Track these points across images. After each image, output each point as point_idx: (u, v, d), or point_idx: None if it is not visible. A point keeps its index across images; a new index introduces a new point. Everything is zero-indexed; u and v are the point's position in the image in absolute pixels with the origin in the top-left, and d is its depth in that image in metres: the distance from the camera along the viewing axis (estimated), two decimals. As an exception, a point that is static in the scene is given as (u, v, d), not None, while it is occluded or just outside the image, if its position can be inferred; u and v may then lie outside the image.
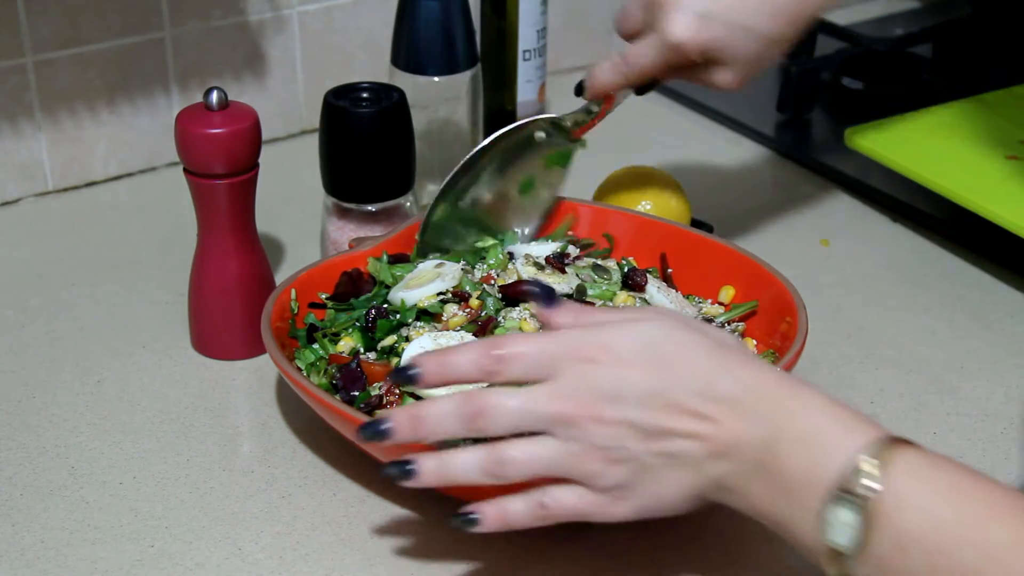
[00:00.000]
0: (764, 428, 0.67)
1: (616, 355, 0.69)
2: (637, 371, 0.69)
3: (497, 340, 0.71)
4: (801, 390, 0.68)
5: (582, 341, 0.70)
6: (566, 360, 0.69)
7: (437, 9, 1.07)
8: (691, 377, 0.69)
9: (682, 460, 0.69)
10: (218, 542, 0.83)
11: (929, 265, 1.13)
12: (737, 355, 0.70)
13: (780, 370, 0.70)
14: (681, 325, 0.71)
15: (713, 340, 0.70)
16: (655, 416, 0.68)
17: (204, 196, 0.96)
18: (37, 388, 0.97)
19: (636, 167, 1.11)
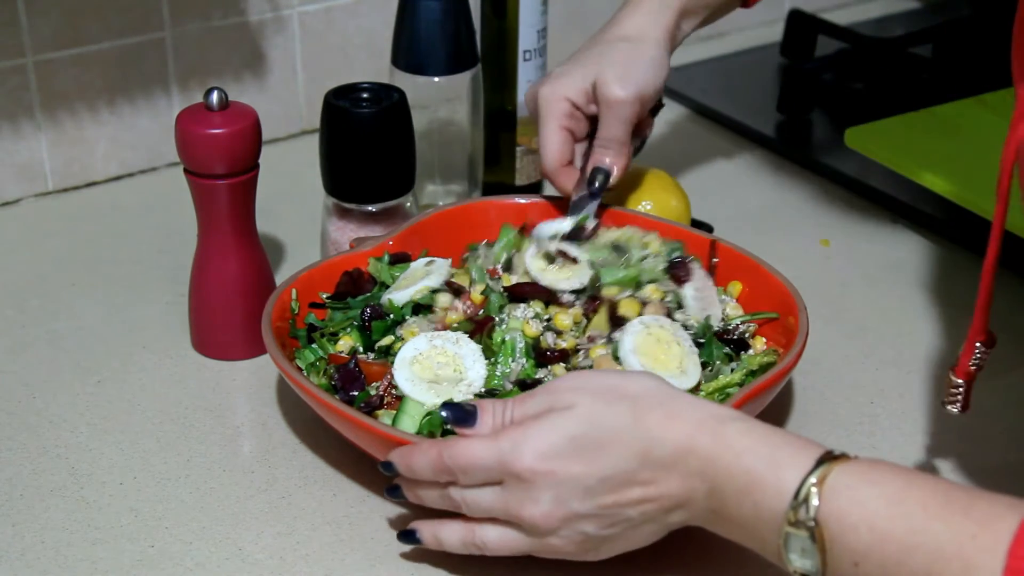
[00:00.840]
0: (706, 482, 0.71)
1: (548, 461, 0.73)
2: (571, 467, 0.73)
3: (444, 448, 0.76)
4: (727, 434, 0.71)
5: (513, 456, 0.73)
6: (506, 476, 0.74)
7: (437, 9, 1.07)
8: (623, 453, 0.72)
9: (641, 519, 0.73)
10: (218, 542, 0.83)
11: (929, 265, 1.12)
12: (658, 413, 0.72)
13: (699, 410, 0.73)
14: (597, 400, 0.74)
15: (632, 403, 0.73)
16: (604, 500, 0.73)
17: (204, 196, 0.96)
18: (37, 388, 0.97)
19: (636, 167, 1.11)
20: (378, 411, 0.88)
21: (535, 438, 0.73)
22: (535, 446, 0.73)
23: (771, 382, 0.85)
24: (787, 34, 1.46)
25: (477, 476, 0.75)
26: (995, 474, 0.89)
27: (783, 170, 1.28)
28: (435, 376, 0.87)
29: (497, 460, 0.74)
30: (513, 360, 0.88)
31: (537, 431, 0.74)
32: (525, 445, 0.73)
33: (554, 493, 0.73)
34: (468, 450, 0.75)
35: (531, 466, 0.73)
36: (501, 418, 0.76)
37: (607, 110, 0.99)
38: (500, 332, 0.89)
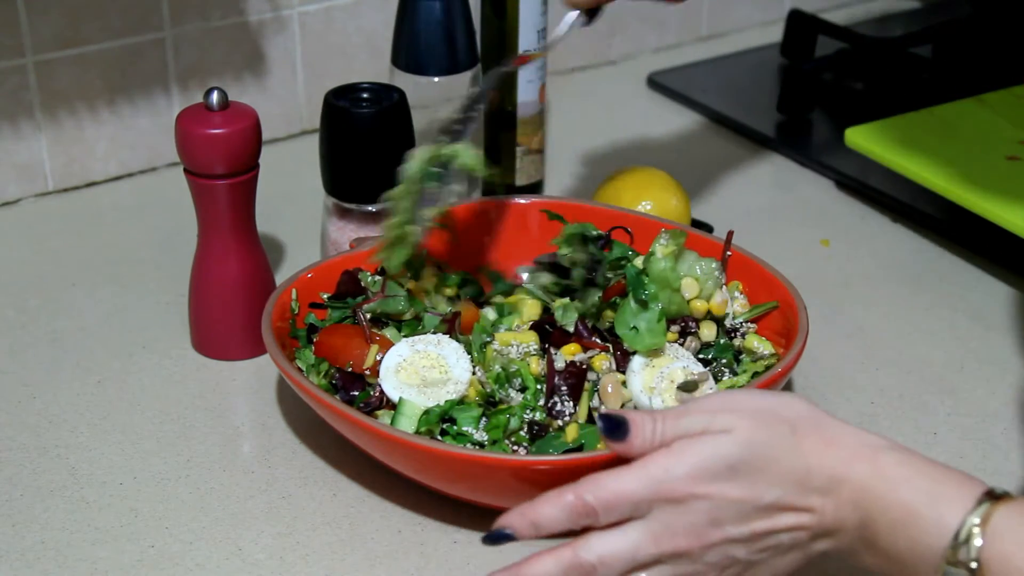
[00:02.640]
0: (859, 512, 0.68)
1: (705, 483, 0.69)
2: (731, 491, 0.69)
3: (583, 488, 0.70)
4: (884, 463, 0.69)
5: (668, 480, 0.69)
6: (658, 502, 0.70)
7: (437, 9, 1.07)
8: (781, 479, 0.69)
9: (787, 547, 0.71)
10: (218, 542, 0.83)
11: (929, 265, 1.13)
12: (814, 438, 0.70)
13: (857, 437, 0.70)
14: (757, 424, 0.70)
15: (790, 428, 0.70)
16: (757, 523, 0.70)
17: (204, 196, 0.96)
18: (37, 388, 0.97)
19: (636, 167, 1.11)
20: (378, 411, 0.88)
21: (691, 461, 0.70)
22: (691, 470, 0.69)
23: (771, 382, 0.85)
24: (787, 34, 1.46)
25: (623, 511, 0.70)
26: (995, 474, 0.89)
27: (783, 170, 1.28)
28: (422, 380, 0.87)
29: (648, 488, 0.70)
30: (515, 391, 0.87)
31: (692, 454, 0.70)
32: (680, 468, 0.69)
33: (709, 517, 0.69)
34: (614, 482, 0.70)
35: (688, 489, 0.69)
36: (651, 436, 0.71)
37: None
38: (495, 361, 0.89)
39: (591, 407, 0.87)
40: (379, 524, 0.85)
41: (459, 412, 0.85)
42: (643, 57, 1.49)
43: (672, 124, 1.36)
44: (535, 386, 0.86)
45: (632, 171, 1.10)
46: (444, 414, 0.85)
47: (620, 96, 1.41)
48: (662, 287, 0.90)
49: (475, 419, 0.85)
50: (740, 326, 0.94)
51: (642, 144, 1.31)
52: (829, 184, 1.25)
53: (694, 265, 0.92)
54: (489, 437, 0.84)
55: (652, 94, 1.42)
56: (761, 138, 1.32)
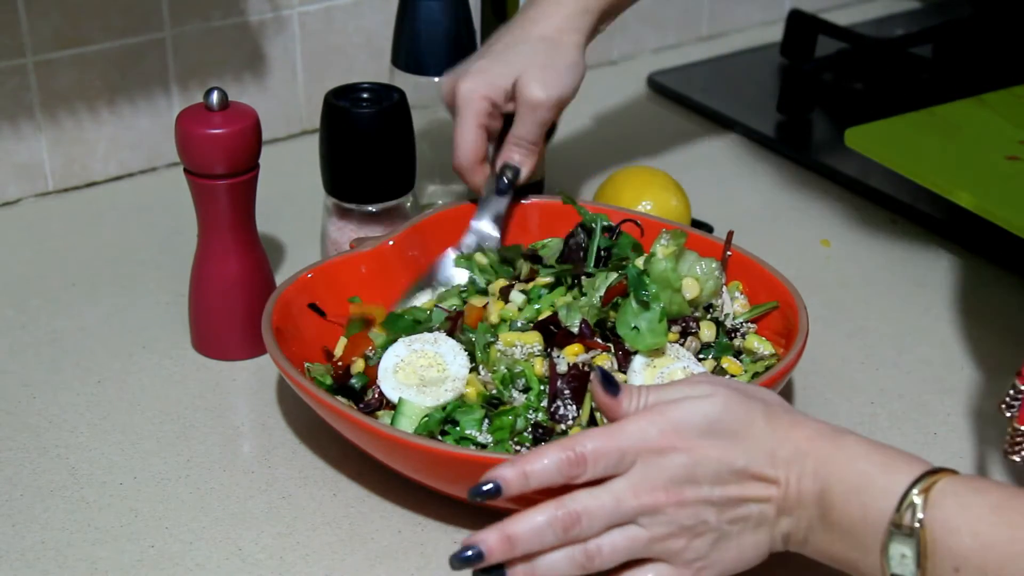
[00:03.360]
0: (819, 482, 0.72)
1: (684, 438, 0.73)
2: (706, 449, 0.73)
3: (573, 441, 0.74)
4: (844, 441, 0.73)
5: (651, 432, 0.73)
6: (640, 453, 0.73)
7: (437, 10, 1.07)
8: (755, 445, 0.73)
9: (755, 521, 0.74)
10: (218, 542, 0.83)
11: (929, 265, 1.13)
12: (784, 416, 0.75)
13: (821, 423, 0.75)
14: (734, 395, 0.75)
15: (763, 404, 0.75)
16: (729, 488, 0.73)
17: (204, 196, 0.96)
18: (37, 388, 0.97)
19: (636, 167, 1.11)
20: (378, 412, 0.88)
21: (673, 416, 0.73)
22: (673, 423, 0.73)
23: (771, 382, 0.85)
24: (787, 34, 1.46)
25: (609, 461, 0.73)
26: (995, 474, 0.89)
27: (783, 170, 1.28)
28: (420, 379, 0.87)
29: (634, 438, 0.73)
30: (518, 392, 0.87)
31: (676, 408, 0.74)
32: (663, 420, 0.73)
33: (687, 472, 0.73)
34: (601, 434, 0.74)
35: (669, 441, 0.73)
36: (637, 402, 0.75)
37: (526, 111, 1.00)
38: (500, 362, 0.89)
39: (592, 407, 0.87)
40: (379, 524, 0.85)
41: (461, 415, 0.85)
42: (643, 57, 1.49)
43: (672, 124, 1.36)
44: (539, 387, 0.86)
45: (632, 171, 1.10)
46: (445, 419, 0.85)
47: (620, 96, 1.41)
48: (663, 287, 0.90)
49: (477, 421, 0.85)
50: (740, 326, 0.94)
51: (642, 144, 1.31)
52: (829, 184, 1.25)
53: (694, 265, 0.93)
54: (494, 439, 0.84)
55: (652, 94, 1.42)
56: (761, 138, 1.32)
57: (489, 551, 0.72)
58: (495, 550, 0.73)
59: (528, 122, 1.00)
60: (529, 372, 0.86)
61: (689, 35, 1.52)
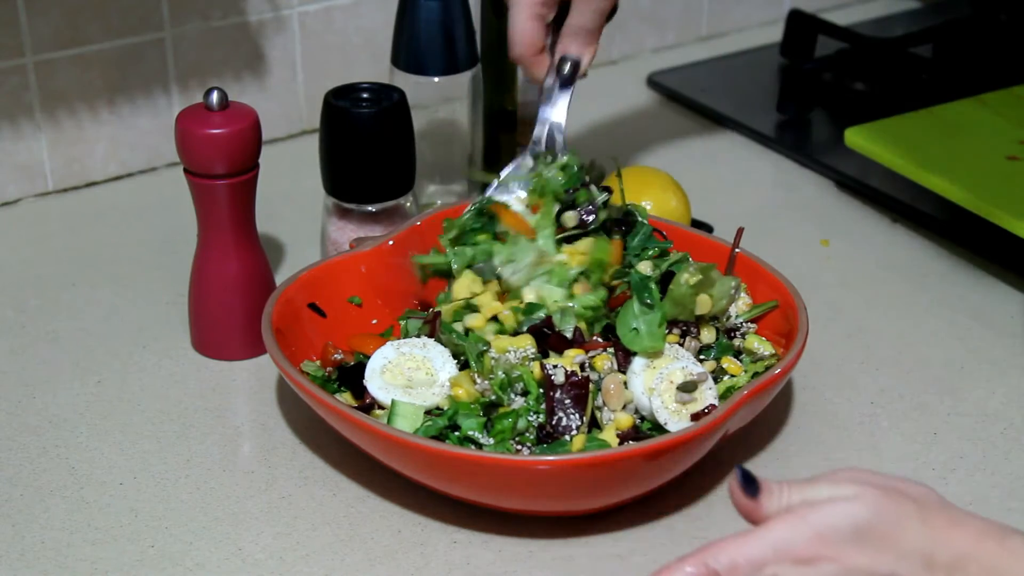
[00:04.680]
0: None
1: (832, 546, 0.68)
2: (858, 556, 0.68)
3: (705, 555, 0.68)
4: (1012, 544, 0.68)
5: (795, 540, 0.68)
6: (784, 563, 0.68)
7: (437, 9, 1.07)
8: (908, 551, 0.68)
9: None
10: (218, 542, 0.83)
11: (929, 265, 1.12)
12: (941, 514, 0.69)
13: (983, 521, 0.69)
14: (883, 495, 0.69)
15: (917, 504, 0.70)
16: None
17: (204, 196, 0.96)
18: (37, 388, 0.97)
19: (636, 167, 1.11)
20: (377, 411, 0.88)
21: (818, 522, 0.68)
22: (818, 530, 0.68)
23: (771, 382, 0.85)
24: (787, 34, 1.46)
25: (747, 572, 0.68)
26: (995, 475, 0.89)
27: (783, 170, 1.28)
28: (408, 381, 0.87)
29: (775, 546, 0.68)
30: (516, 395, 0.87)
31: (819, 515, 0.68)
32: (806, 527, 0.68)
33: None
34: (737, 545, 0.68)
35: (814, 551, 0.67)
36: (778, 502, 0.70)
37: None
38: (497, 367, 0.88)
39: (594, 407, 0.87)
40: (379, 524, 0.85)
41: (462, 419, 0.85)
42: (643, 57, 1.49)
43: (672, 124, 1.36)
44: (537, 390, 0.86)
45: (632, 171, 1.10)
46: (447, 424, 0.85)
47: (620, 96, 1.41)
48: (678, 306, 0.90)
49: (480, 424, 0.84)
50: (740, 326, 0.94)
51: (642, 144, 1.31)
52: (829, 184, 1.25)
53: (715, 283, 0.91)
54: (495, 440, 0.84)
55: (652, 94, 1.42)
56: (761, 138, 1.32)
57: None
58: None
59: (585, 10, 0.97)
60: (527, 375, 0.86)
61: (689, 35, 1.52)
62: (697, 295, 0.90)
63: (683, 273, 0.90)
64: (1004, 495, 0.88)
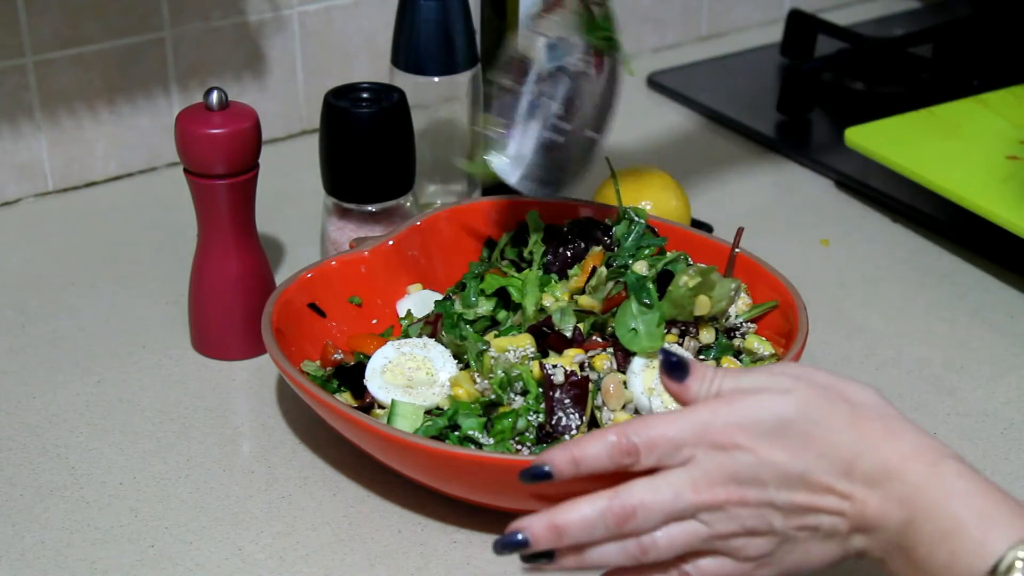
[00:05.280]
0: (905, 510, 0.66)
1: (751, 437, 0.68)
2: (774, 452, 0.67)
3: (628, 428, 0.69)
4: (943, 470, 0.66)
5: (715, 425, 0.68)
6: (701, 446, 0.68)
7: (437, 9, 1.07)
8: (831, 456, 0.67)
9: (825, 532, 0.68)
10: (218, 542, 0.83)
11: (929, 265, 1.12)
12: (876, 423, 0.68)
13: (920, 436, 0.68)
14: (818, 394, 0.69)
15: (851, 408, 0.69)
16: (797, 496, 0.68)
17: (204, 196, 0.96)
18: (37, 388, 0.97)
19: (636, 167, 1.11)
20: (377, 411, 0.88)
21: (742, 411, 0.68)
22: (740, 419, 0.67)
23: (771, 382, 0.85)
24: (787, 34, 1.46)
25: (664, 452, 0.68)
26: (995, 475, 0.89)
27: (783, 170, 1.28)
28: (408, 381, 0.88)
29: (692, 430, 0.68)
30: (515, 395, 0.87)
31: (744, 404, 0.68)
32: (730, 415, 0.68)
33: (751, 473, 0.67)
34: (660, 422, 0.68)
35: (734, 438, 0.67)
36: (708, 386, 0.70)
37: None
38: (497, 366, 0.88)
39: (594, 406, 0.87)
40: (379, 524, 0.85)
41: (462, 419, 0.85)
42: (643, 57, 1.49)
43: (672, 124, 1.36)
44: (537, 389, 0.86)
45: (632, 171, 1.10)
46: (447, 424, 0.85)
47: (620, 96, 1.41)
48: (677, 307, 0.90)
49: (480, 424, 0.84)
50: (740, 326, 0.94)
51: (642, 144, 1.31)
52: (829, 184, 1.25)
53: (715, 285, 0.91)
54: (495, 440, 0.84)
55: (652, 94, 1.42)
56: (761, 138, 1.32)
57: (534, 539, 0.68)
58: (540, 538, 0.68)
59: None
60: (526, 375, 0.86)
61: (689, 35, 1.52)
62: (696, 296, 0.90)
63: (682, 275, 0.90)
64: (1004, 495, 0.88)
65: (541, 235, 0.98)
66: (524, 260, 0.98)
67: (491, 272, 0.96)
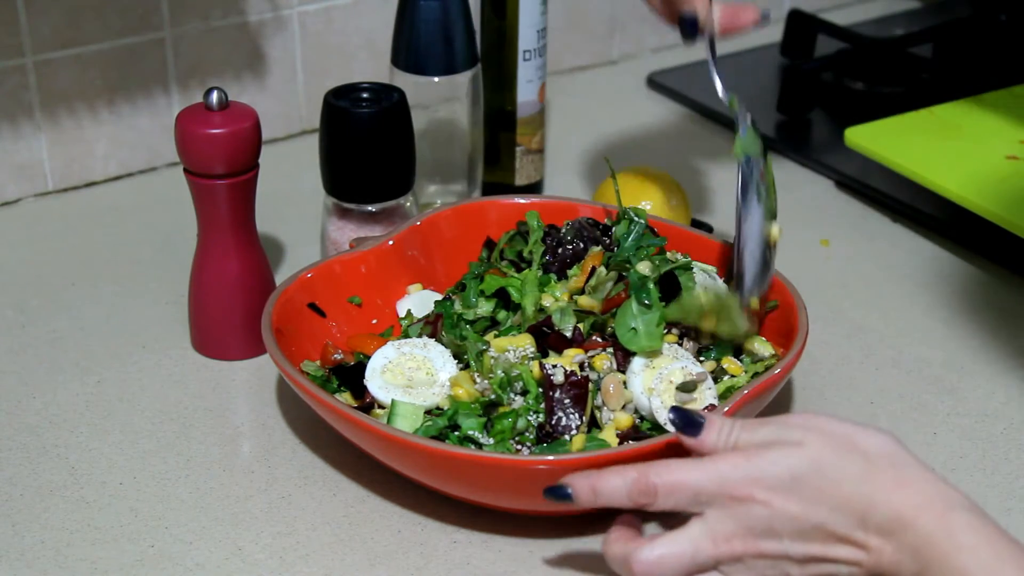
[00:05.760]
0: (917, 562, 0.67)
1: (768, 490, 0.70)
2: (790, 505, 0.69)
3: (650, 469, 0.72)
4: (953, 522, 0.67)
5: (733, 478, 0.70)
6: (718, 497, 0.71)
7: (437, 9, 1.07)
8: (844, 508, 0.69)
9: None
10: (218, 542, 0.83)
11: (929, 265, 1.12)
12: (888, 472, 0.70)
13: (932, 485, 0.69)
14: (832, 446, 0.70)
15: (864, 459, 0.70)
16: (812, 546, 0.70)
17: (204, 196, 0.96)
18: (37, 388, 0.97)
19: (636, 167, 1.11)
20: (377, 411, 0.88)
21: (757, 465, 0.70)
22: (756, 473, 0.70)
23: (771, 382, 0.85)
24: (787, 34, 1.46)
25: (682, 498, 0.71)
26: (995, 475, 0.89)
27: (783, 170, 1.28)
28: (408, 381, 0.88)
29: (712, 481, 0.70)
30: (516, 394, 0.87)
31: (760, 459, 0.70)
32: (746, 469, 0.70)
33: (766, 525, 0.70)
34: (680, 469, 0.71)
35: (750, 491, 0.70)
36: (725, 439, 0.73)
37: None
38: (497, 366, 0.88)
39: (594, 406, 0.87)
40: (379, 524, 0.85)
41: (462, 419, 0.85)
42: (643, 57, 1.49)
43: (672, 124, 1.36)
44: (536, 389, 0.86)
45: (632, 171, 1.10)
46: (447, 424, 0.85)
47: (620, 96, 1.41)
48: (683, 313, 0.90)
49: (480, 424, 0.84)
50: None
51: (642, 144, 1.31)
52: (829, 184, 1.25)
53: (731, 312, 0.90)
54: (495, 440, 0.84)
55: (652, 94, 1.42)
56: (761, 138, 1.32)
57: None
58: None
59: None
60: (526, 375, 0.86)
61: (689, 35, 1.52)
62: (705, 316, 0.90)
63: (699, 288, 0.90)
64: (1004, 495, 0.88)
65: (541, 235, 0.98)
66: (524, 260, 0.98)
67: (491, 272, 0.96)
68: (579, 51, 1.45)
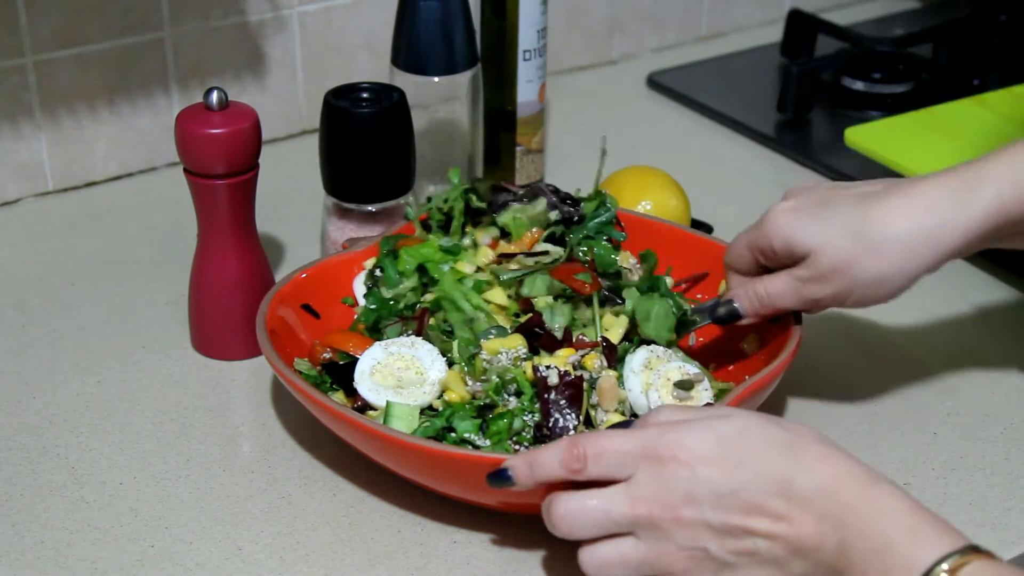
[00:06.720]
0: (839, 531, 0.68)
1: (689, 453, 0.71)
2: (711, 470, 0.70)
3: (580, 437, 0.73)
4: (876, 491, 0.68)
5: (657, 441, 0.72)
6: (642, 459, 0.72)
7: (437, 9, 1.07)
8: (766, 475, 0.70)
9: (762, 558, 0.70)
10: (218, 542, 0.83)
11: (929, 265, 1.12)
12: (811, 450, 0.70)
13: (856, 463, 0.70)
14: (757, 419, 0.72)
15: (790, 433, 0.71)
16: (731, 516, 0.70)
17: (204, 196, 0.96)
18: (37, 388, 0.97)
19: (636, 167, 1.11)
20: (372, 411, 0.88)
21: (683, 431, 0.71)
22: (680, 436, 0.71)
23: (766, 381, 0.85)
24: (787, 34, 1.46)
25: (610, 463, 0.72)
26: (994, 474, 0.89)
27: (783, 170, 1.28)
28: (398, 381, 0.87)
29: (638, 443, 0.72)
30: (508, 396, 0.87)
31: (687, 424, 0.72)
32: (671, 433, 0.71)
33: (685, 489, 0.70)
34: (609, 435, 0.73)
35: (674, 452, 0.71)
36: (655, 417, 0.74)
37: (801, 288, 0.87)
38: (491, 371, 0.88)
39: (589, 405, 0.87)
40: (379, 524, 0.85)
41: (457, 421, 0.85)
42: (643, 57, 1.49)
43: (672, 124, 1.36)
44: (531, 390, 0.86)
45: (632, 171, 1.10)
46: (443, 426, 0.85)
47: (620, 96, 1.41)
48: None
49: (475, 427, 0.84)
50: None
51: (642, 144, 1.31)
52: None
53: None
54: (491, 441, 0.84)
55: (652, 94, 1.42)
56: (761, 138, 1.32)
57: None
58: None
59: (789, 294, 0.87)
60: (520, 377, 0.86)
61: (689, 35, 1.52)
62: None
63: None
64: (1004, 495, 0.88)
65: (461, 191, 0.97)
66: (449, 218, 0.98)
67: (402, 245, 0.96)
68: (579, 51, 1.45)
